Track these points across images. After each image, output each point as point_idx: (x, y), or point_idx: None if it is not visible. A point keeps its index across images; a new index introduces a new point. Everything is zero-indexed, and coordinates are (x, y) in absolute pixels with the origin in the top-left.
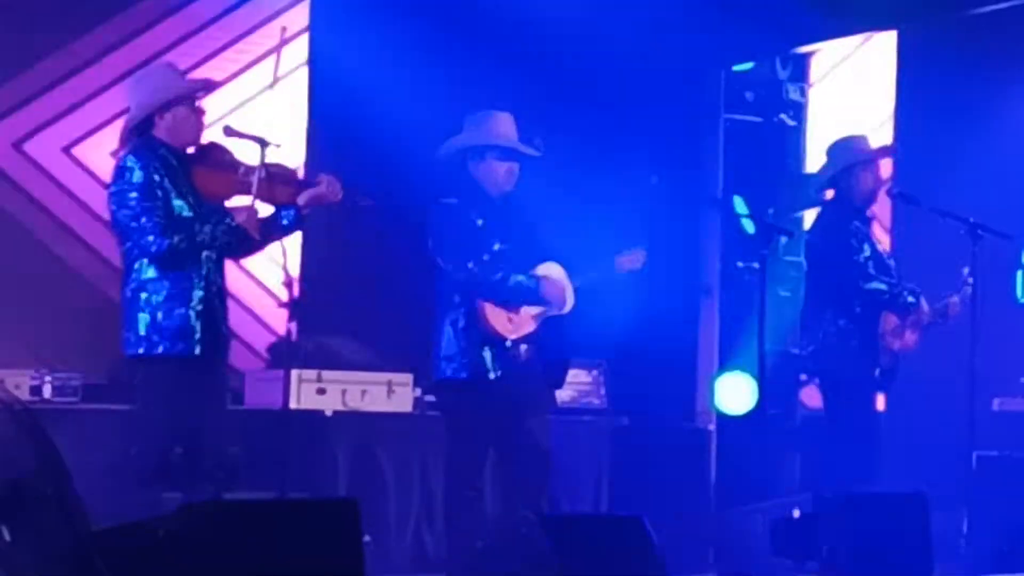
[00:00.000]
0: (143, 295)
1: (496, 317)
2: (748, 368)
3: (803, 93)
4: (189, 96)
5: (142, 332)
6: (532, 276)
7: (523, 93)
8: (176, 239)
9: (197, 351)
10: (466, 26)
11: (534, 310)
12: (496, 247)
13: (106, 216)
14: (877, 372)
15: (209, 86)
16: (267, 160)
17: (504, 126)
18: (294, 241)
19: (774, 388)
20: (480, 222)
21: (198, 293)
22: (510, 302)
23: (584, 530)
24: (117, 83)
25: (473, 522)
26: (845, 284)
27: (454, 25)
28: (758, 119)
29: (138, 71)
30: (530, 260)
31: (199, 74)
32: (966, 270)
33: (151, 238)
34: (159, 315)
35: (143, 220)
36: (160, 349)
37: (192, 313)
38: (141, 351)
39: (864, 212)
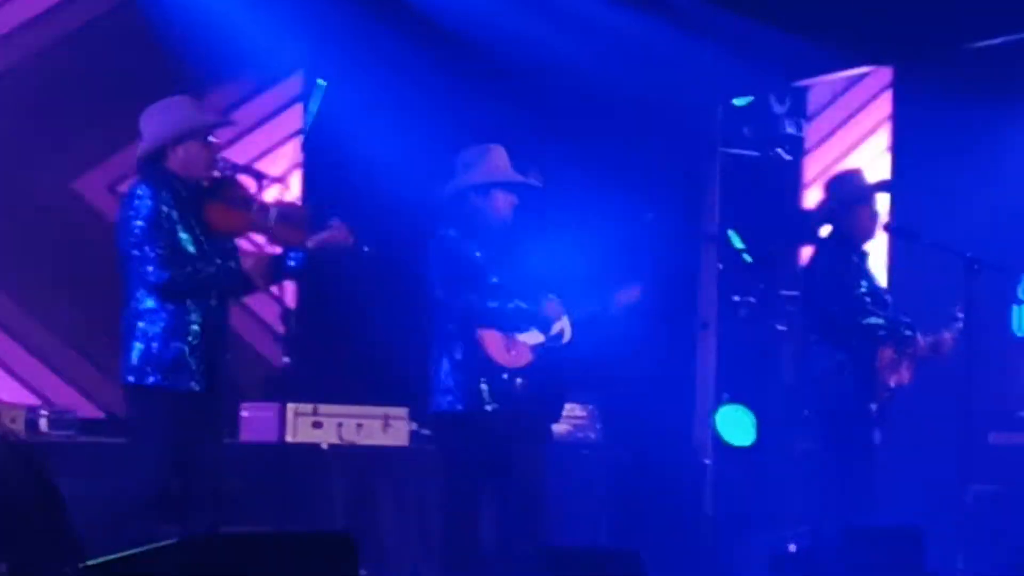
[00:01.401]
0: (140, 324)
1: (496, 347)
2: (747, 403)
3: (800, 128)
4: (204, 131)
5: (134, 362)
6: (532, 303)
7: (519, 128)
8: (176, 273)
9: (192, 386)
10: (462, 63)
11: (532, 340)
12: (494, 280)
13: None
14: (874, 407)
15: (226, 123)
16: (278, 199)
17: (502, 159)
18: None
19: (771, 422)
20: (478, 254)
21: (195, 328)
22: (510, 326)
23: (581, 563)
24: None
25: (470, 556)
26: (843, 319)
27: (450, 62)
28: (755, 153)
29: (156, 103)
30: (527, 294)
31: None
32: (958, 308)
33: (150, 268)
34: (154, 346)
35: (145, 249)
36: (151, 380)
37: (187, 347)
38: (131, 380)
39: (862, 247)
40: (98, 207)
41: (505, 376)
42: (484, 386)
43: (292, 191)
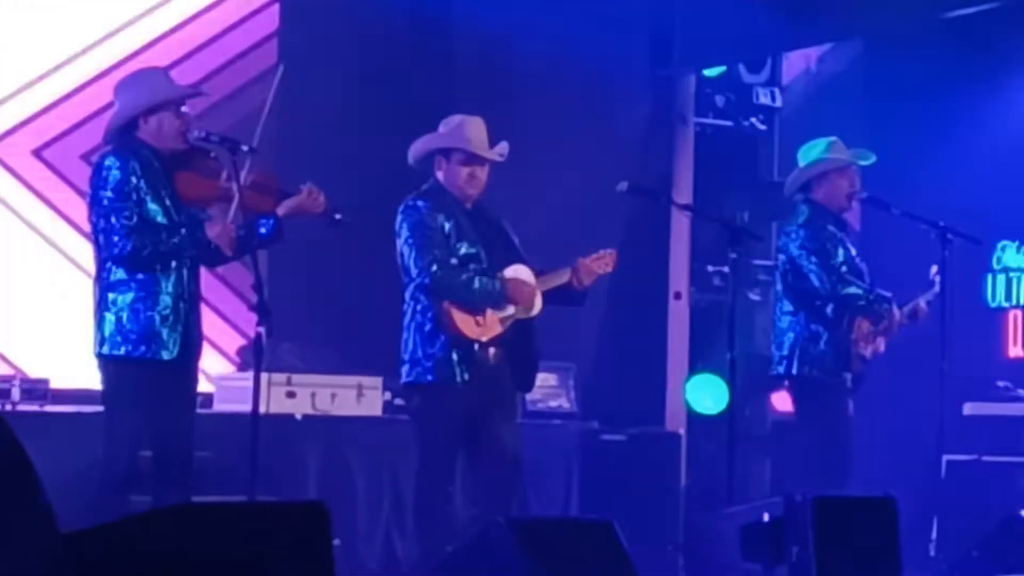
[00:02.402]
0: (111, 295)
1: (463, 320)
2: (719, 371)
3: (774, 97)
4: (177, 101)
5: (107, 333)
6: (497, 278)
7: (490, 98)
8: (140, 244)
9: (163, 355)
10: (431, 36)
11: (501, 313)
12: (463, 250)
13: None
14: (849, 377)
15: (199, 93)
16: (247, 166)
17: (473, 130)
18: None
19: (744, 392)
20: (447, 225)
21: (165, 298)
22: (475, 304)
23: (554, 534)
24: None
25: (443, 526)
26: (820, 288)
27: (418, 34)
28: (728, 123)
29: (129, 73)
30: (498, 263)
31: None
32: (934, 269)
33: (116, 239)
34: (124, 317)
35: (112, 220)
36: (123, 351)
37: (158, 317)
38: (104, 350)
39: (840, 217)
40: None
41: (476, 348)
42: (455, 357)
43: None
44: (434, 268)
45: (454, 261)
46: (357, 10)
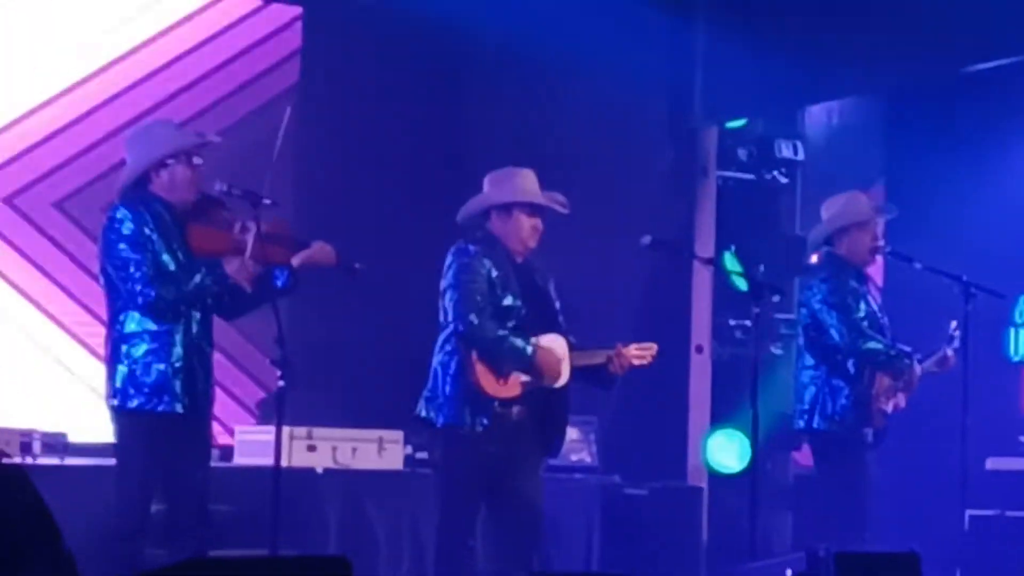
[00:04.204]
0: (123, 347)
1: (485, 376)
2: (741, 426)
3: (796, 151)
4: (186, 152)
5: (118, 384)
6: (531, 343)
7: (513, 149)
8: (164, 289)
9: (176, 408)
10: (459, 89)
11: (525, 377)
12: (506, 302)
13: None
14: (869, 432)
15: (208, 143)
16: (261, 218)
17: (530, 183)
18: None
19: (767, 446)
20: (495, 273)
21: (178, 351)
22: (502, 364)
23: None
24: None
25: (464, 574)
26: (840, 343)
27: (445, 88)
28: (751, 176)
29: (135, 125)
30: (536, 324)
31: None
32: (953, 324)
33: (139, 287)
34: (137, 369)
35: (131, 269)
36: (135, 403)
37: (171, 369)
38: (115, 403)
39: (861, 271)
40: None
41: (495, 404)
42: (470, 406)
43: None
44: (471, 318)
45: (491, 311)
46: (380, 68)
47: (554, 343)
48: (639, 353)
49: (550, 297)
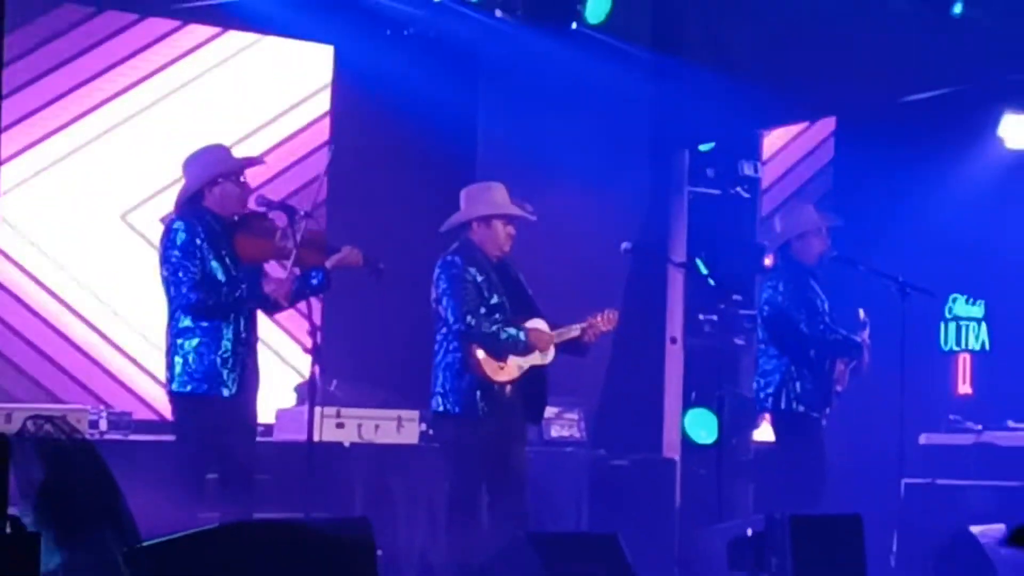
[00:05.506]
0: (179, 341)
1: (488, 364)
2: (709, 406)
3: (756, 169)
4: (235, 171)
5: (176, 372)
6: (522, 329)
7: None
8: (205, 296)
9: (223, 392)
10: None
11: (522, 360)
12: (493, 300)
13: None
14: (827, 412)
15: (257, 163)
16: (302, 227)
17: (502, 195)
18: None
19: (731, 424)
20: (480, 278)
21: (226, 343)
22: (500, 351)
23: (566, 546)
24: None
25: (470, 539)
26: (808, 334)
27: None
28: (717, 192)
29: (194, 151)
30: (518, 312)
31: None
32: (861, 312)
33: (184, 290)
34: (191, 359)
35: (180, 275)
36: (189, 388)
37: (219, 360)
38: (174, 388)
39: (815, 272)
40: None
41: (495, 388)
42: (478, 394)
43: (318, 222)
44: (469, 318)
45: (483, 310)
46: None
47: (538, 324)
48: (604, 319)
49: (523, 286)
